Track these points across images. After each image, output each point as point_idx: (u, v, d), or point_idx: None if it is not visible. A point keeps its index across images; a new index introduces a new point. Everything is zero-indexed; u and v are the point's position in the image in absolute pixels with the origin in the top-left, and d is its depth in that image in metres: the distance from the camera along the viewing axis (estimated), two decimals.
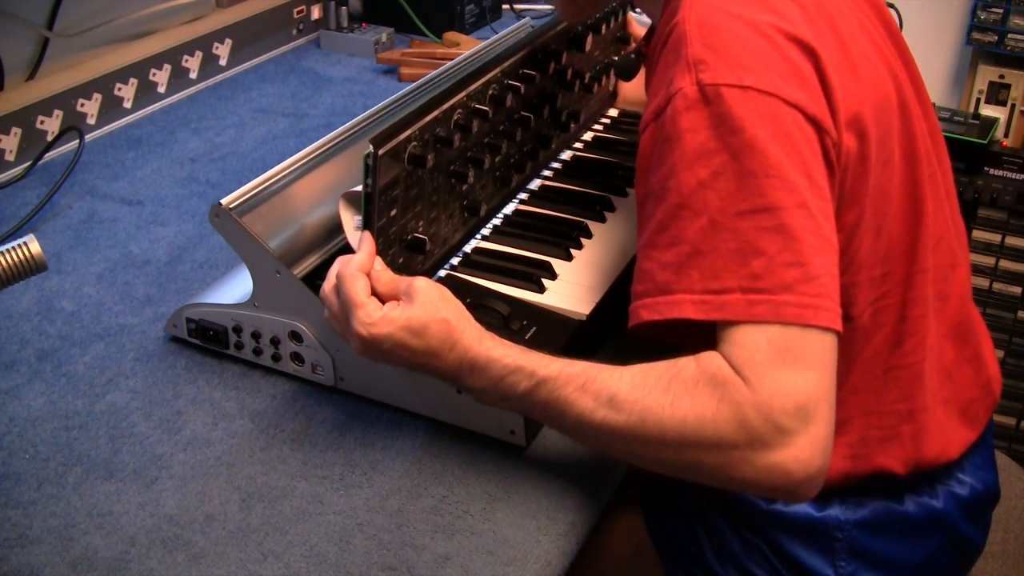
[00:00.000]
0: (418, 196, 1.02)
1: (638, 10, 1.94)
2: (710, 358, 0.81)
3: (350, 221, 1.01)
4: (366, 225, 0.94)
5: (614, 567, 1.16)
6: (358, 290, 0.88)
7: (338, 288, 0.90)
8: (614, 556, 1.17)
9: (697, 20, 0.85)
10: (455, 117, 1.06)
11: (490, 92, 1.13)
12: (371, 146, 0.92)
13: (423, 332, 0.87)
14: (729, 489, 0.84)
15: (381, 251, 0.97)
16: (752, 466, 0.79)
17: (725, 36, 0.84)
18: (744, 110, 0.81)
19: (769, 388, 0.78)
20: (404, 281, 0.90)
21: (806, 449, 0.78)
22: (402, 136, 0.96)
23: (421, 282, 0.90)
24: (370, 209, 0.94)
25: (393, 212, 0.98)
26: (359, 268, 0.90)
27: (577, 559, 0.91)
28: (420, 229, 1.04)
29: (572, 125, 1.38)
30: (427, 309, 0.87)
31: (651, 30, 1.06)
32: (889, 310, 0.96)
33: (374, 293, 0.90)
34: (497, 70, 1.15)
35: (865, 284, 0.93)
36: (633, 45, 1.49)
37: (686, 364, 0.82)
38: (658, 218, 0.84)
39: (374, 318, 0.87)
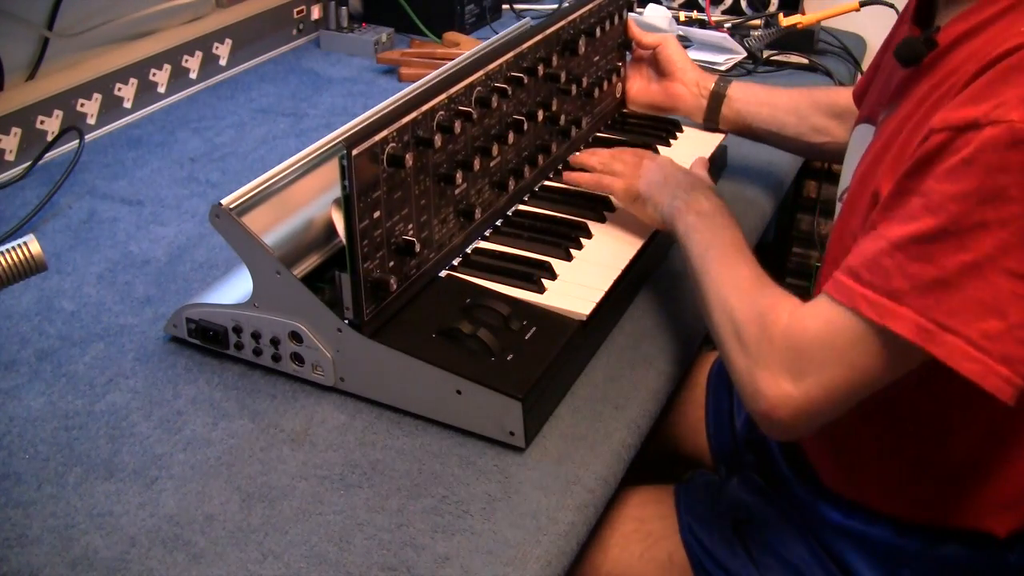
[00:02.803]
0: (404, 198, 1.02)
1: (638, 10, 1.95)
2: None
3: (341, 224, 1.01)
4: (347, 226, 0.94)
5: (622, 571, 1.17)
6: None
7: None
8: (614, 558, 1.17)
9: None
10: (437, 118, 1.06)
11: (475, 94, 1.13)
12: (344, 147, 0.92)
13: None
14: (730, 375, 0.96)
15: (367, 253, 0.97)
16: (741, 368, 0.92)
17: None
18: None
19: (797, 332, 0.88)
20: None
21: (776, 396, 0.88)
22: (378, 137, 0.96)
23: None
24: (350, 211, 0.94)
25: (377, 214, 0.97)
26: None
27: (578, 559, 0.91)
28: (410, 232, 1.04)
29: (573, 130, 1.38)
30: None
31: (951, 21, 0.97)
32: None
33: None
34: (481, 72, 1.14)
35: None
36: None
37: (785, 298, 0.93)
38: (921, 227, 0.81)
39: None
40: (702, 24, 1.95)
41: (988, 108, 0.79)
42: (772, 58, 1.88)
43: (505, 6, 2.15)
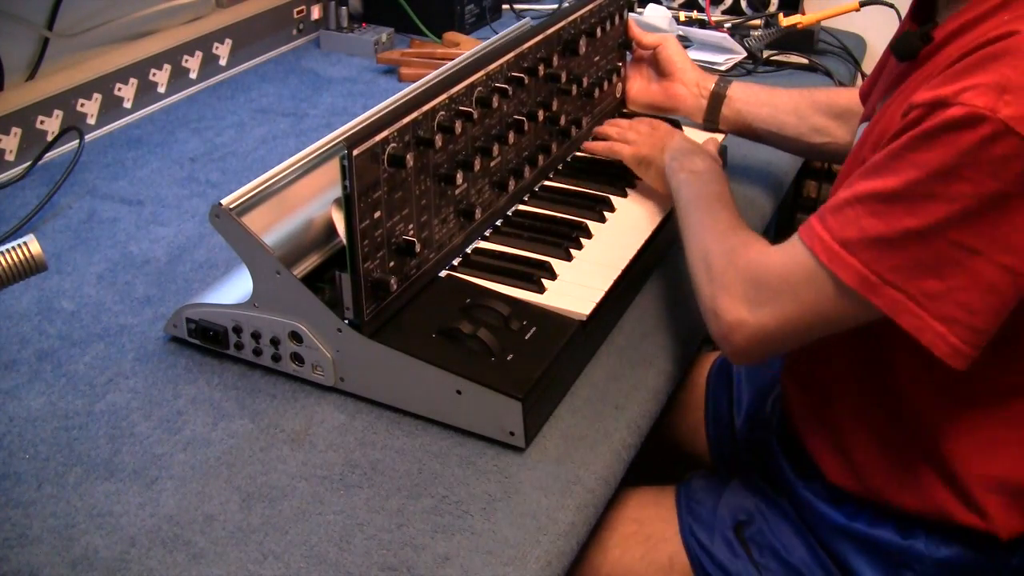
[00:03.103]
0: (404, 199, 1.02)
1: (638, 10, 1.95)
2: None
3: (341, 224, 1.01)
4: (347, 226, 0.94)
5: (622, 573, 1.17)
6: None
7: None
8: (614, 560, 1.17)
9: None
10: (438, 118, 1.06)
11: (475, 94, 1.13)
12: (345, 147, 0.92)
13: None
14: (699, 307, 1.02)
15: (368, 253, 0.97)
16: (706, 294, 1.00)
17: None
18: None
19: (761, 263, 0.96)
20: None
21: (732, 320, 0.96)
22: (378, 137, 0.96)
23: None
24: (350, 210, 0.94)
25: (377, 214, 0.97)
26: None
27: (578, 561, 0.91)
28: (410, 232, 1.04)
29: (574, 130, 1.38)
30: None
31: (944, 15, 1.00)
32: None
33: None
34: (482, 72, 1.14)
35: None
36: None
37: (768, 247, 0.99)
38: (882, 184, 0.86)
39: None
40: (702, 24, 1.95)
41: (958, 88, 0.82)
42: (772, 58, 1.88)
43: (505, 6, 2.15)
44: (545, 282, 1.10)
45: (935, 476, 1.00)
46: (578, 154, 1.40)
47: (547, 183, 1.32)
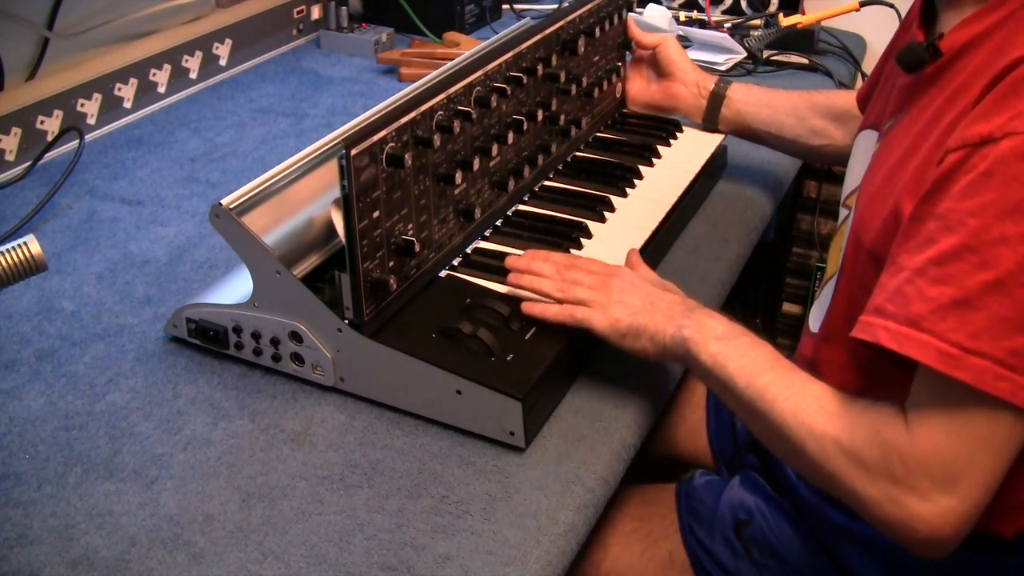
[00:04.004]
0: (403, 198, 1.02)
1: (638, 10, 1.95)
2: (886, 402, 0.84)
3: (341, 224, 1.01)
4: (346, 226, 0.94)
5: (622, 570, 1.17)
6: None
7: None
8: (614, 557, 1.17)
9: None
10: (436, 118, 1.06)
11: (474, 94, 1.13)
12: (343, 147, 0.92)
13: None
14: (860, 511, 0.87)
15: (367, 253, 0.97)
16: (880, 498, 0.83)
17: None
18: None
19: (927, 446, 0.80)
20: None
21: (936, 516, 0.81)
22: (376, 137, 0.96)
23: None
24: (349, 210, 0.94)
25: (376, 214, 0.97)
26: None
27: (578, 558, 0.91)
28: (409, 232, 1.04)
29: (573, 131, 1.38)
30: None
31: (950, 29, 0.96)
32: None
33: None
34: (481, 72, 1.14)
35: None
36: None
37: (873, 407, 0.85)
38: (940, 248, 0.79)
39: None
40: (702, 24, 1.95)
41: (1002, 121, 0.78)
42: (772, 58, 1.89)
43: (505, 6, 2.15)
44: None
45: None
46: (578, 154, 1.40)
47: (547, 183, 1.32)
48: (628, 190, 1.32)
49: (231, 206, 0.99)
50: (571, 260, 1.07)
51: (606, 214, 1.25)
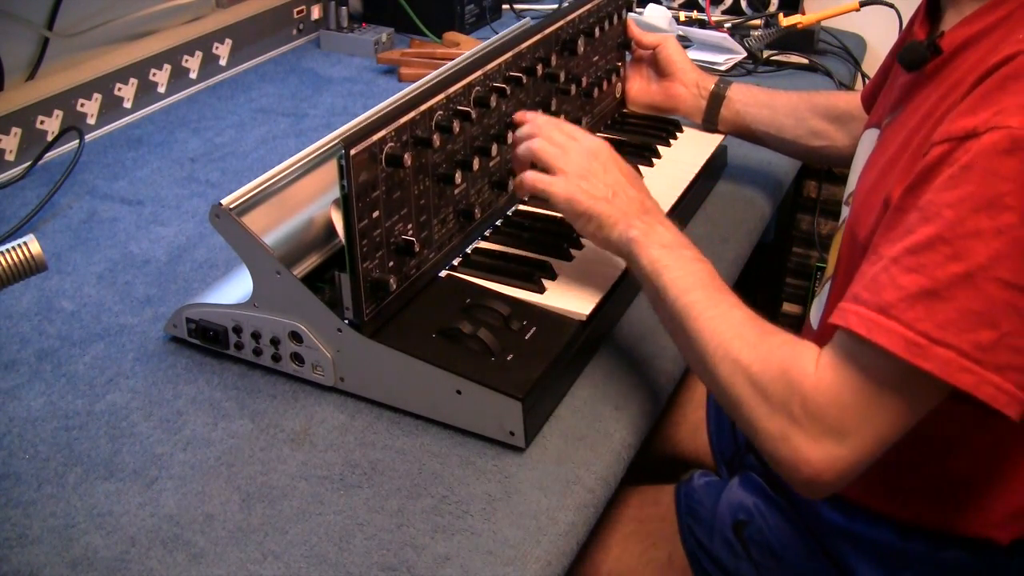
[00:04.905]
0: (403, 198, 1.02)
1: (638, 10, 1.95)
2: (808, 345, 0.87)
3: (340, 224, 1.01)
4: (346, 226, 0.94)
5: (622, 571, 1.17)
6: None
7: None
8: (614, 558, 1.17)
9: None
10: (435, 118, 1.06)
11: (473, 94, 1.13)
12: (343, 147, 0.92)
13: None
14: (756, 443, 0.89)
15: (367, 253, 0.97)
16: (774, 432, 0.85)
17: None
18: None
19: (830, 394, 0.83)
20: None
21: (822, 460, 0.83)
22: (376, 137, 0.96)
23: None
24: (349, 210, 0.94)
25: (376, 214, 0.97)
26: None
27: (578, 559, 0.91)
28: (409, 232, 1.04)
29: None
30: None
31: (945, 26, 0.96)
32: None
33: None
34: (480, 72, 1.14)
35: None
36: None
37: (793, 337, 0.89)
38: (915, 238, 0.80)
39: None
40: (702, 24, 1.95)
41: (987, 116, 0.78)
42: (772, 58, 1.89)
43: (505, 6, 2.15)
44: (545, 282, 1.10)
45: (936, 498, 1.00)
46: None
47: None
48: None
49: (231, 206, 0.99)
50: (558, 123, 1.09)
51: None
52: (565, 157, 1.04)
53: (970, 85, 0.83)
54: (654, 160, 1.40)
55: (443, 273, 1.11)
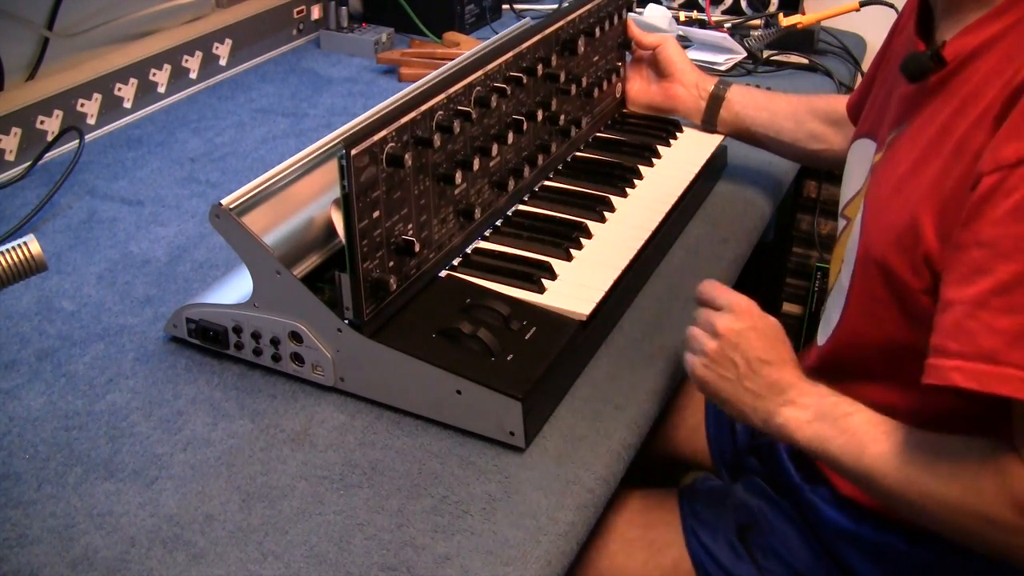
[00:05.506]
0: (403, 198, 1.02)
1: (638, 10, 1.95)
2: (1007, 456, 0.82)
3: (340, 224, 1.01)
4: (346, 226, 0.94)
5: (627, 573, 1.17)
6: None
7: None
8: (618, 565, 1.17)
9: None
10: (436, 118, 1.06)
11: (474, 94, 1.13)
12: (343, 147, 0.92)
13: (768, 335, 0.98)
14: (1008, 560, 0.85)
15: (367, 253, 0.97)
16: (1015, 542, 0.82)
17: None
18: None
19: None
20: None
21: None
22: (376, 137, 0.96)
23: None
24: (349, 210, 0.94)
25: (376, 214, 0.97)
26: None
27: (582, 565, 0.91)
28: (409, 232, 1.04)
29: (573, 130, 1.38)
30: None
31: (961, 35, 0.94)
32: None
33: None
34: (480, 72, 1.14)
35: None
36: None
37: (975, 447, 0.84)
38: (999, 277, 0.77)
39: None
40: (702, 24, 1.95)
41: None
42: (772, 58, 1.89)
43: (505, 6, 2.15)
44: (545, 282, 1.10)
45: None
46: (578, 154, 1.40)
47: (547, 183, 1.32)
48: (628, 190, 1.32)
49: (231, 206, 0.99)
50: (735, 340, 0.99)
51: (606, 214, 1.25)
52: (709, 345, 1.00)
53: (997, 103, 0.82)
54: (654, 160, 1.40)
55: (443, 273, 1.11)
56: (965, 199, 0.82)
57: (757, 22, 1.93)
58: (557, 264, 1.14)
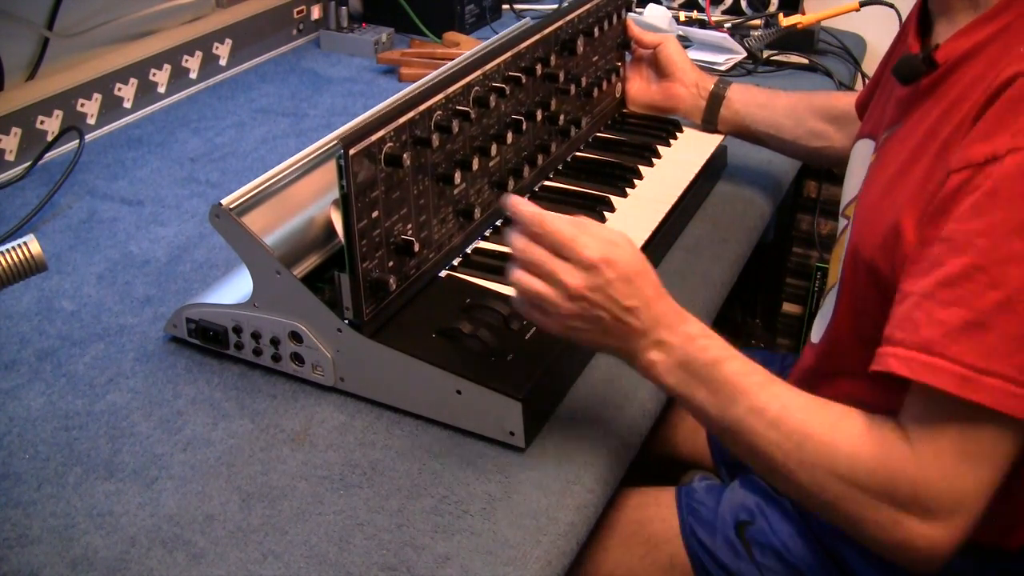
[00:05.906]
0: (402, 198, 1.02)
1: (638, 10, 1.95)
2: (885, 421, 0.82)
3: (340, 224, 1.01)
4: (345, 226, 0.94)
5: (623, 574, 1.17)
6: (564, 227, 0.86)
7: (536, 237, 0.87)
8: (615, 561, 1.17)
9: None
10: (435, 118, 1.06)
11: (473, 94, 1.13)
12: (342, 146, 0.92)
13: (635, 279, 0.87)
14: (853, 533, 0.86)
15: (366, 253, 0.97)
16: (883, 522, 0.82)
17: None
18: None
19: (936, 470, 0.80)
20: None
21: (940, 535, 0.81)
22: (375, 136, 0.96)
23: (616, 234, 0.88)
24: (348, 210, 0.94)
25: (375, 214, 0.97)
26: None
27: (579, 562, 0.91)
28: (409, 232, 1.04)
29: (573, 130, 1.38)
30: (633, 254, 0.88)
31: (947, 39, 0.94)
32: None
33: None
34: (479, 72, 1.14)
35: None
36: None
37: (860, 414, 0.84)
38: (948, 270, 0.78)
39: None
40: (702, 24, 1.95)
41: (1005, 139, 0.78)
42: (772, 58, 1.89)
43: (505, 6, 2.15)
44: None
45: None
46: (578, 154, 1.40)
47: (547, 183, 1.32)
48: (628, 190, 1.32)
49: (231, 206, 0.99)
50: (551, 257, 0.88)
51: (606, 214, 1.25)
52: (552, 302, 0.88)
53: (977, 105, 0.83)
54: (654, 160, 1.40)
55: (443, 273, 1.11)
56: (934, 195, 0.82)
57: (757, 22, 1.93)
58: None
